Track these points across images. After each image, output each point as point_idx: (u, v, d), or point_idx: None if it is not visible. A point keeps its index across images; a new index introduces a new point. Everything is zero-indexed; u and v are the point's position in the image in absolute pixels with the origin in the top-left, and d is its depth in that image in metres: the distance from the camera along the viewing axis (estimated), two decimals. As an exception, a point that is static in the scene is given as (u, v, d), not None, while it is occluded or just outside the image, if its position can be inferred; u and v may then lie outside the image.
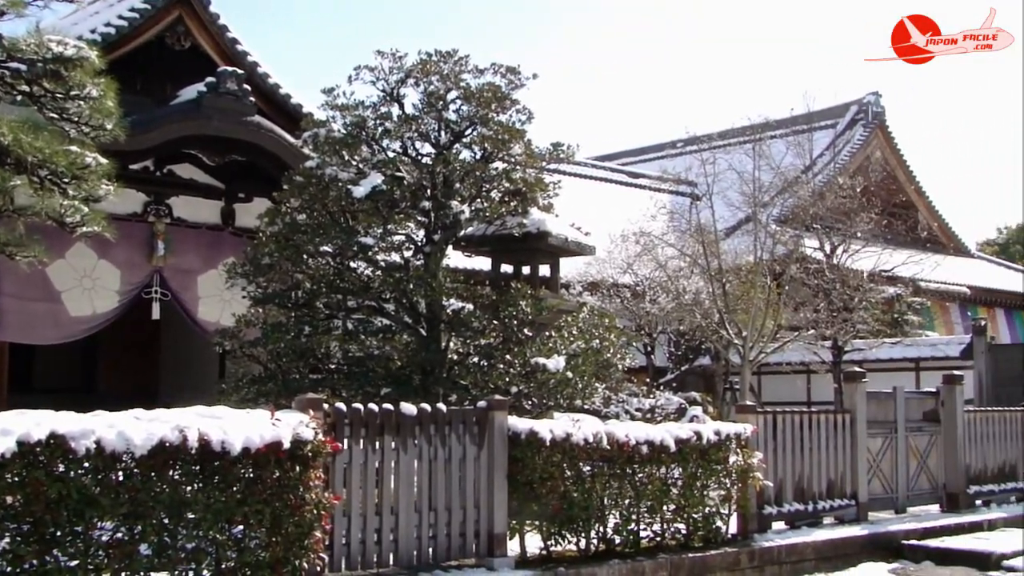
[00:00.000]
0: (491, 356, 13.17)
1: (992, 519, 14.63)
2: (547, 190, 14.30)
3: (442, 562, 9.70)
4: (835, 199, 27.66)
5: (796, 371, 29.96)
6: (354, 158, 13.56)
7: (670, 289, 25.15)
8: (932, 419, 15.21)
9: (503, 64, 13.89)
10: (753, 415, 12.37)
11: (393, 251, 13.67)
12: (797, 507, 12.93)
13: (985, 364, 28.56)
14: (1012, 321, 43.39)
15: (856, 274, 26.83)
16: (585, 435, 10.15)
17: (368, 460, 9.24)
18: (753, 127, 26.54)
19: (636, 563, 10.39)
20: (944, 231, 47.34)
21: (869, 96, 45.26)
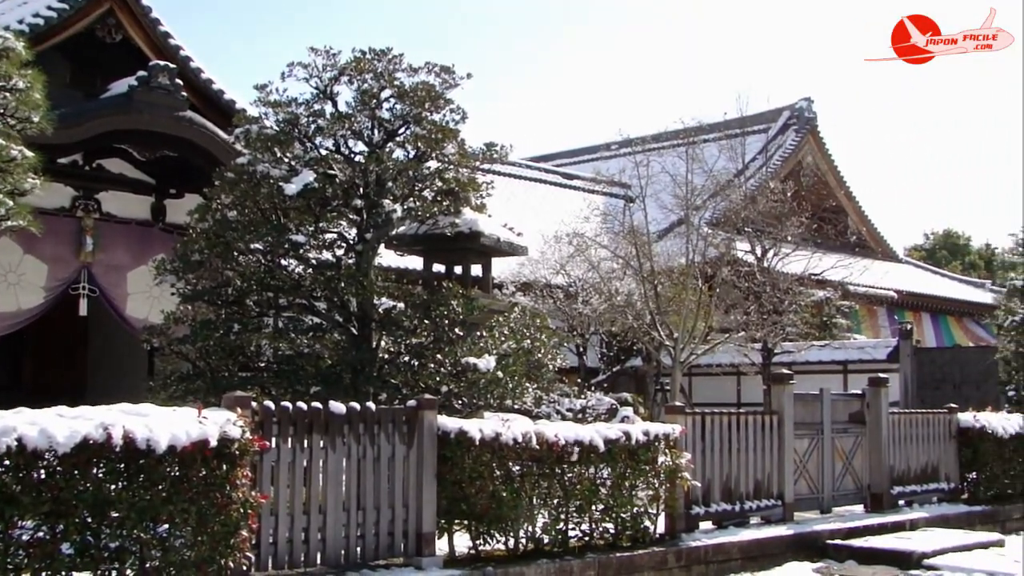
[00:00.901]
0: (422, 355, 13.16)
1: (914, 519, 14.84)
2: (480, 190, 14.31)
3: (370, 561, 9.66)
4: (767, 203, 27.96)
5: (726, 373, 30.23)
6: (286, 155, 13.48)
7: (603, 290, 25.27)
8: (858, 421, 15.40)
9: (437, 64, 13.89)
10: (682, 416, 12.45)
11: (325, 249, 13.61)
12: (724, 507, 13.03)
13: (911, 367, 29.00)
14: (938, 325, 44.10)
15: (786, 277, 27.13)
16: (515, 435, 10.16)
17: (296, 459, 9.18)
18: (686, 130, 26.71)
19: (564, 562, 10.41)
20: (873, 236, 48.00)
21: (801, 101, 45.77)
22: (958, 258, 73.49)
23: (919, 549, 12.75)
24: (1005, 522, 16.24)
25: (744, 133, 33.35)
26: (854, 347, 32.13)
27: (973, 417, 16.88)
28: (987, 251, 77.11)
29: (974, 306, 45.67)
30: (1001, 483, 16.95)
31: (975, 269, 68.20)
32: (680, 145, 26.38)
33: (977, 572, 11.90)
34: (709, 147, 28.79)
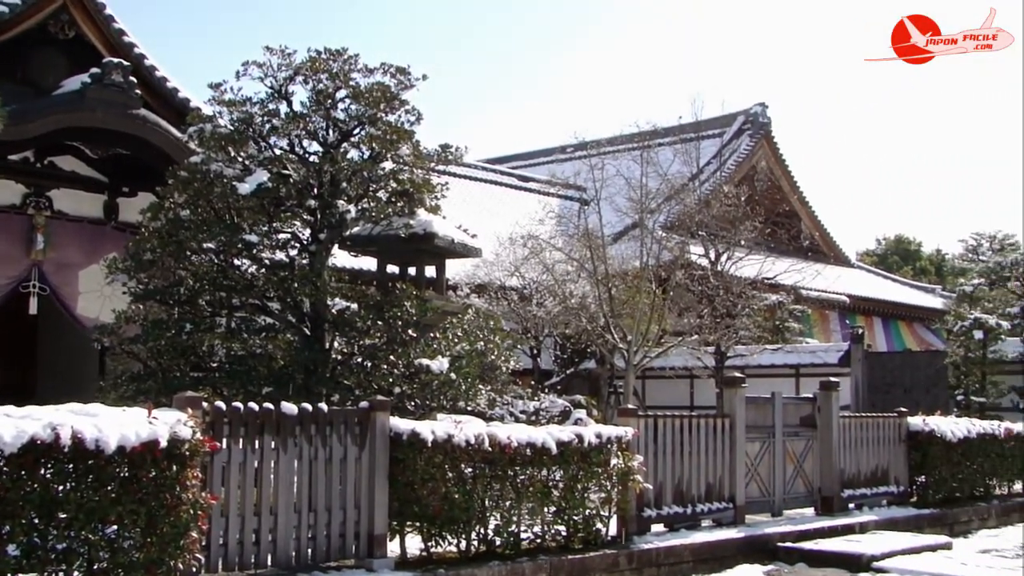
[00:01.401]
0: (375, 357, 13.13)
1: (864, 522, 14.96)
2: (435, 191, 14.30)
3: (321, 563, 9.62)
4: (720, 207, 28.10)
5: (679, 376, 30.35)
6: (240, 155, 13.43)
7: (557, 293, 25.30)
8: (809, 424, 15.50)
9: (393, 64, 13.88)
10: (634, 419, 12.48)
11: (278, 249, 13.56)
12: (676, 510, 13.07)
13: (862, 371, 29.27)
14: (888, 330, 44.52)
15: (739, 281, 27.28)
16: (467, 436, 10.15)
17: (247, 460, 9.13)
18: (641, 134, 26.80)
19: (516, 564, 10.41)
20: (826, 241, 48.38)
21: (756, 106, 46.08)
22: (909, 263, 74.25)
23: (868, 552, 12.85)
24: (953, 525, 16.41)
25: (699, 137, 33.48)
26: (806, 351, 32.37)
27: (923, 421, 17.04)
28: (938, 257, 78.05)
29: (924, 311, 46.14)
30: (949, 486, 17.13)
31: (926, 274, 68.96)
32: (635, 149, 26.46)
33: (924, 574, 12.02)
34: (664, 151, 28.93)
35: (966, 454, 17.34)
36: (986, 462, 17.89)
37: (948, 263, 74.31)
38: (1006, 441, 18.33)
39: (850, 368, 29.47)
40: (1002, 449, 18.25)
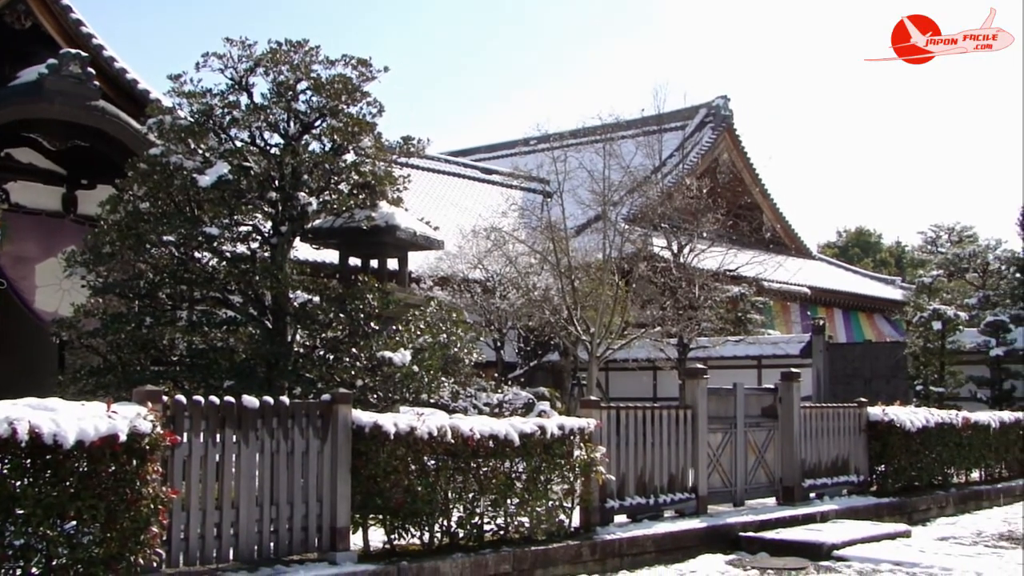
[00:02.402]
0: (337, 349, 13.09)
1: (825, 511, 15.05)
2: (397, 183, 14.26)
3: (284, 556, 9.56)
4: (683, 199, 28.25)
5: (642, 368, 30.50)
6: (200, 146, 13.33)
7: (520, 285, 25.34)
8: (770, 415, 15.57)
9: (354, 56, 13.82)
10: (597, 410, 12.48)
11: (239, 242, 13.49)
12: (639, 501, 13.10)
13: (823, 362, 29.50)
14: (849, 321, 44.87)
15: (702, 273, 27.45)
16: (430, 429, 10.13)
17: (208, 453, 9.07)
18: (604, 127, 26.91)
19: (479, 556, 10.41)
20: (787, 233, 48.69)
21: (718, 99, 46.28)
22: (870, 255, 74.88)
23: (829, 540, 12.94)
24: (912, 513, 16.54)
25: (661, 130, 33.63)
26: (768, 342, 32.58)
27: (882, 411, 17.16)
28: (897, 249, 78.73)
29: (884, 302, 46.54)
30: (908, 475, 17.26)
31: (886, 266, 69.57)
32: (598, 141, 26.56)
33: (884, 562, 12.11)
34: (626, 144, 29.04)
35: (925, 443, 17.48)
36: (944, 451, 18.04)
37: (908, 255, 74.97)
38: (964, 430, 18.49)
39: (811, 359, 29.70)
40: (960, 438, 18.42)
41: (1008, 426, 20.20)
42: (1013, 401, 28.66)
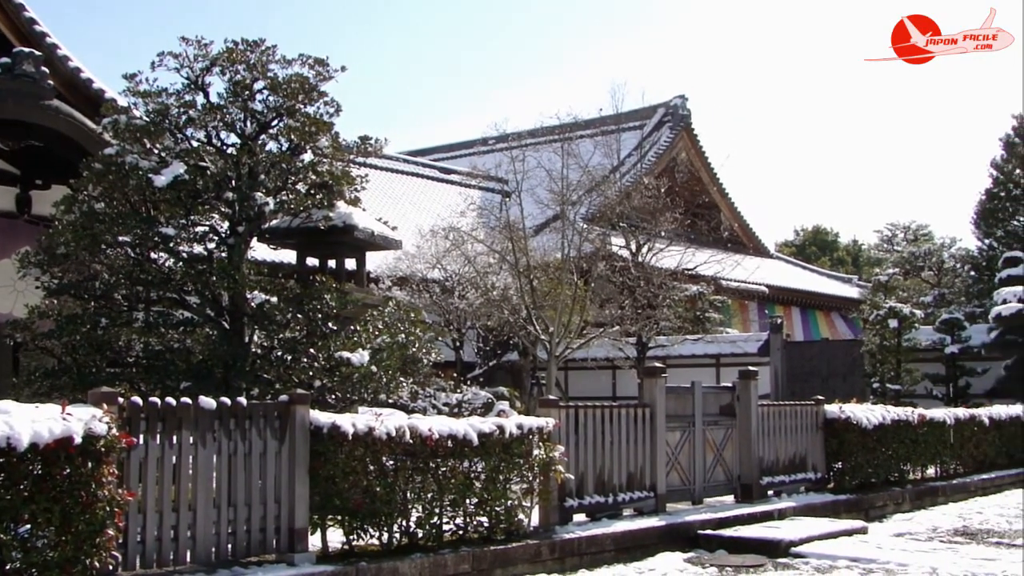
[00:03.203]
0: (295, 350, 13.03)
1: (783, 508, 15.15)
2: (354, 183, 14.21)
3: (242, 558, 9.52)
4: (641, 199, 28.35)
5: (601, 367, 30.60)
6: (156, 146, 13.21)
7: (479, 285, 25.34)
8: (728, 413, 15.66)
9: (311, 55, 13.75)
10: (556, 409, 12.52)
11: (196, 242, 13.38)
12: (598, 499, 13.14)
13: (781, 360, 29.69)
14: (806, 319, 45.20)
15: (660, 272, 27.55)
16: (388, 429, 10.12)
17: (165, 455, 9.01)
18: (562, 126, 26.94)
19: (439, 556, 10.40)
20: (745, 231, 48.96)
21: (676, 99, 46.48)
22: (827, 254, 75.44)
23: (787, 537, 13.03)
24: (869, 510, 16.68)
25: (619, 129, 33.69)
26: (726, 341, 32.76)
27: (839, 408, 17.29)
28: (854, 247, 79.39)
29: (841, 300, 46.92)
30: (865, 472, 17.40)
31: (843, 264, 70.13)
32: (556, 141, 26.60)
33: (841, 559, 12.21)
34: (585, 143, 29.10)
35: (881, 440, 17.64)
36: (900, 448, 18.21)
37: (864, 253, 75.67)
38: (919, 427, 18.68)
39: (769, 357, 29.88)
40: (916, 435, 18.60)
41: (963, 422, 20.42)
42: (968, 398, 29.00)
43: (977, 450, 20.94)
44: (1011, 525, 15.48)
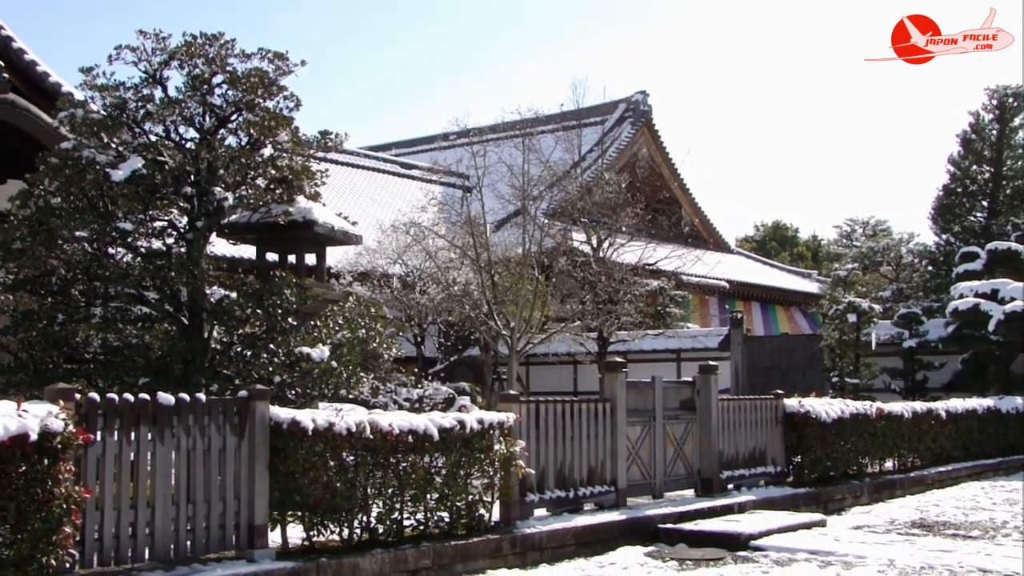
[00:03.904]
0: (254, 345, 12.98)
1: (743, 502, 15.21)
2: (314, 178, 14.17)
3: (201, 555, 9.46)
4: (602, 194, 28.38)
5: (563, 362, 30.63)
6: (114, 141, 13.14)
7: (440, 280, 25.32)
8: (689, 407, 15.70)
9: (271, 50, 13.71)
10: (516, 404, 12.51)
11: (154, 237, 13.31)
12: (559, 494, 13.14)
13: (741, 355, 29.80)
14: (767, 314, 45.43)
15: (621, 267, 27.59)
16: (348, 424, 10.08)
17: (123, 452, 8.93)
18: (523, 121, 26.93)
19: (399, 552, 10.37)
20: (706, 227, 49.15)
21: (637, 95, 46.58)
22: (787, 249, 75.88)
23: (746, 531, 13.08)
24: (827, 503, 16.77)
25: (581, 125, 33.78)
26: (687, 336, 32.87)
27: (798, 403, 17.37)
28: (814, 242, 79.85)
29: (801, 295, 47.20)
30: (824, 466, 17.50)
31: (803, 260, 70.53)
32: (517, 136, 26.59)
33: (800, 551, 12.28)
34: (546, 138, 29.12)
35: (840, 434, 17.73)
36: (859, 441, 18.32)
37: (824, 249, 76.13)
38: (877, 421, 18.80)
39: (730, 352, 29.98)
40: (874, 429, 18.72)
41: (920, 416, 20.58)
42: (925, 391, 29.25)
43: (934, 443, 21.11)
44: (967, 517, 15.63)
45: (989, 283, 28.58)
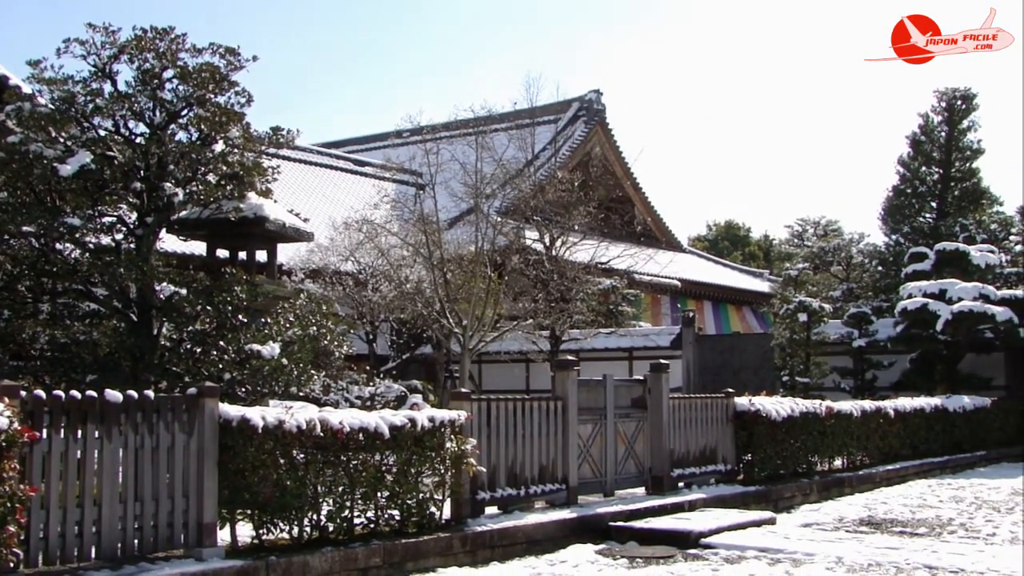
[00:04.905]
0: (204, 342, 12.89)
1: (693, 500, 15.28)
2: (266, 174, 14.10)
3: (149, 554, 9.38)
4: (555, 192, 28.42)
5: (515, 360, 30.63)
6: (62, 135, 13.00)
7: (393, 278, 25.26)
8: (640, 406, 15.74)
9: (222, 45, 13.63)
10: (468, 402, 12.49)
11: (103, 233, 13.19)
12: (510, 492, 13.14)
13: (693, 353, 29.94)
14: (718, 313, 45.65)
15: (574, 266, 27.63)
16: (299, 422, 10.03)
17: (69, 449, 8.83)
18: (477, 119, 26.91)
19: (349, 550, 10.34)
20: (658, 226, 49.31)
21: (591, 93, 46.64)
22: (739, 248, 76.32)
23: (696, 529, 13.14)
24: (777, 501, 16.88)
25: (534, 123, 33.81)
26: (639, 334, 32.97)
27: (749, 401, 17.47)
28: (766, 242, 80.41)
29: (753, 295, 47.47)
30: (774, 464, 17.62)
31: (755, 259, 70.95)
32: (470, 134, 26.58)
33: (750, 549, 12.36)
34: (499, 136, 29.11)
35: (790, 432, 17.86)
36: (809, 440, 18.46)
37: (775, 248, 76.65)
38: (827, 419, 18.94)
39: (681, 351, 30.12)
40: (823, 427, 18.87)
41: (869, 415, 20.77)
42: (875, 390, 29.49)
43: (883, 442, 21.32)
44: (914, 515, 15.79)
45: (937, 283, 28.84)
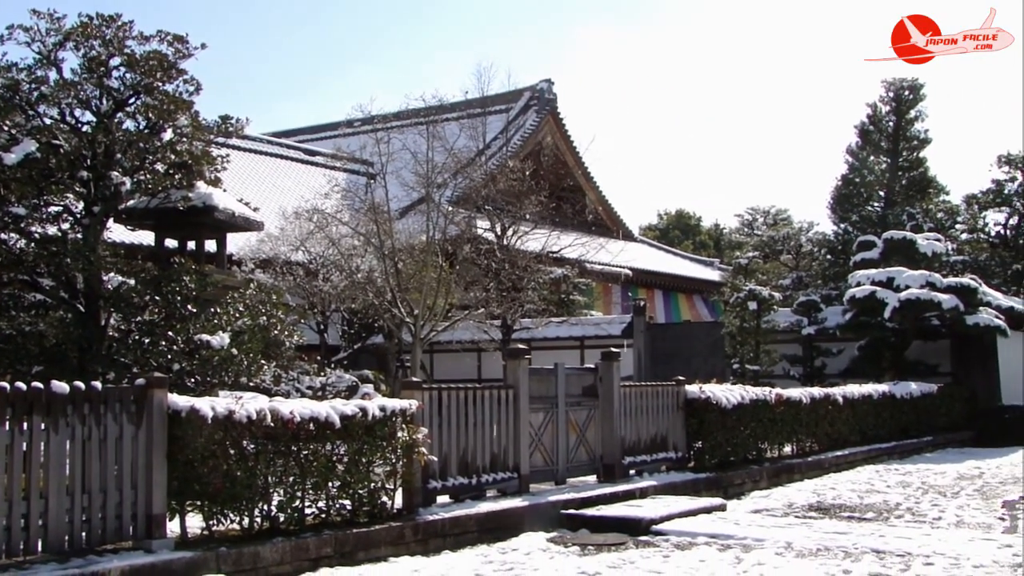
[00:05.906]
0: (153, 333, 12.79)
1: (644, 487, 15.36)
2: (215, 164, 14.01)
3: (97, 546, 9.30)
4: (507, 182, 28.41)
5: (467, 349, 30.62)
6: (6, 123, 12.85)
7: (344, 267, 25.16)
8: (591, 394, 15.79)
9: (170, 32, 13.53)
10: (419, 391, 12.49)
11: (49, 223, 13.05)
12: (462, 481, 13.15)
13: (644, 342, 30.03)
14: (669, 302, 45.85)
15: (525, 255, 27.66)
16: (248, 412, 9.98)
17: (15, 442, 8.73)
18: (428, 109, 26.83)
19: (300, 540, 10.30)
20: (610, 215, 49.42)
21: (542, 83, 46.64)
22: (690, 237, 76.70)
23: (648, 516, 13.22)
24: (728, 488, 17.01)
25: (485, 113, 33.77)
26: (590, 323, 33.06)
27: (699, 389, 17.56)
28: (716, 231, 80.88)
29: (703, 283, 47.69)
30: (724, 451, 17.74)
31: (705, 248, 71.33)
32: (422, 123, 26.49)
33: (700, 535, 12.44)
34: (451, 126, 29.06)
35: (740, 420, 17.99)
36: (759, 427, 18.61)
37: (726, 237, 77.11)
38: (777, 407, 19.10)
39: (632, 339, 30.21)
40: (773, 414, 19.02)
41: (818, 401, 20.97)
42: (823, 377, 29.78)
43: (832, 428, 21.53)
44: (862, 500, 15.97)
45: (885, 271, 29.14)
